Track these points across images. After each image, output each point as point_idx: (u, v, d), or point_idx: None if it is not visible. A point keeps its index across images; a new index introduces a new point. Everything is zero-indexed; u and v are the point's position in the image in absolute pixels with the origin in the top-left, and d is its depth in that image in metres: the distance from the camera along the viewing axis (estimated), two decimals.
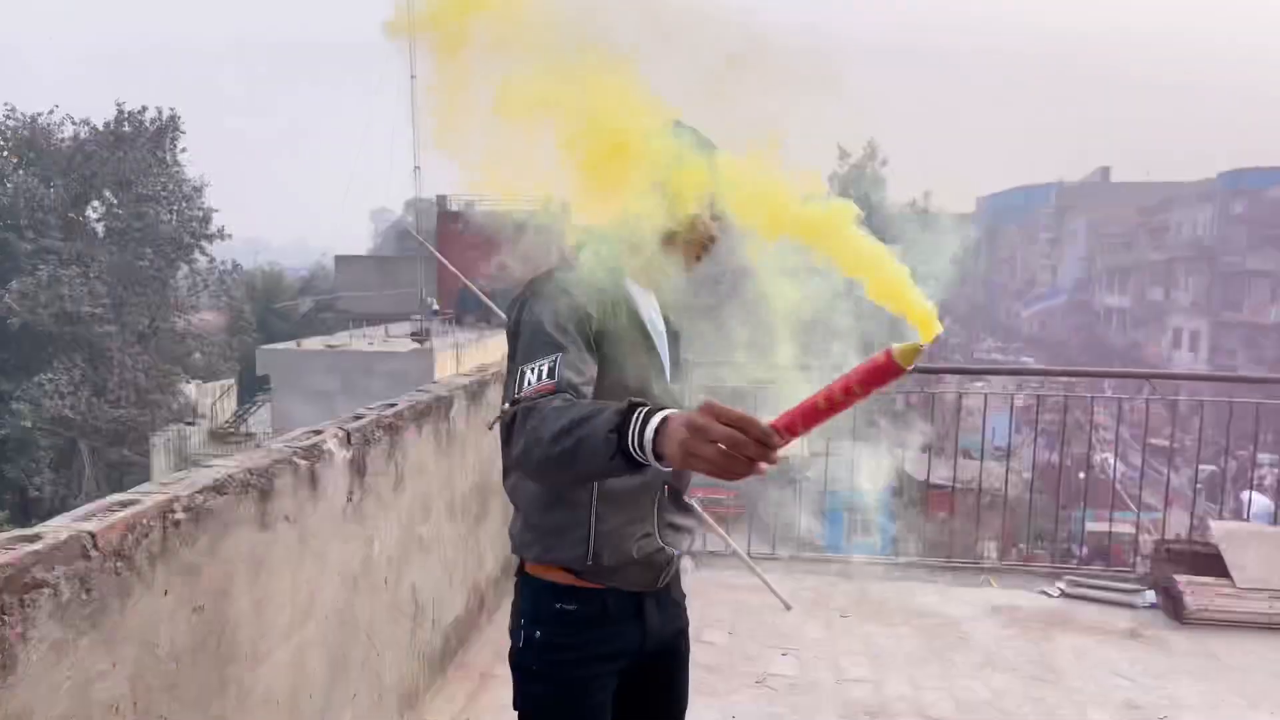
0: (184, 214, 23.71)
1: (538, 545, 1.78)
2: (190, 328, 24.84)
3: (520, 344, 1.66)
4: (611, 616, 1.78)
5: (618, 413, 1.37)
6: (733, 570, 5.35)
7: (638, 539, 1.79)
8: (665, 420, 1.32)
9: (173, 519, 2.03)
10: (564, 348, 1.60)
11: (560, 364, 1.57)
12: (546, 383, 1.55)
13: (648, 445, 1.33)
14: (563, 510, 1.76)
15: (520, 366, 1.60)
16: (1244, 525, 5.18)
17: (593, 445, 1.38)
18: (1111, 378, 8.12)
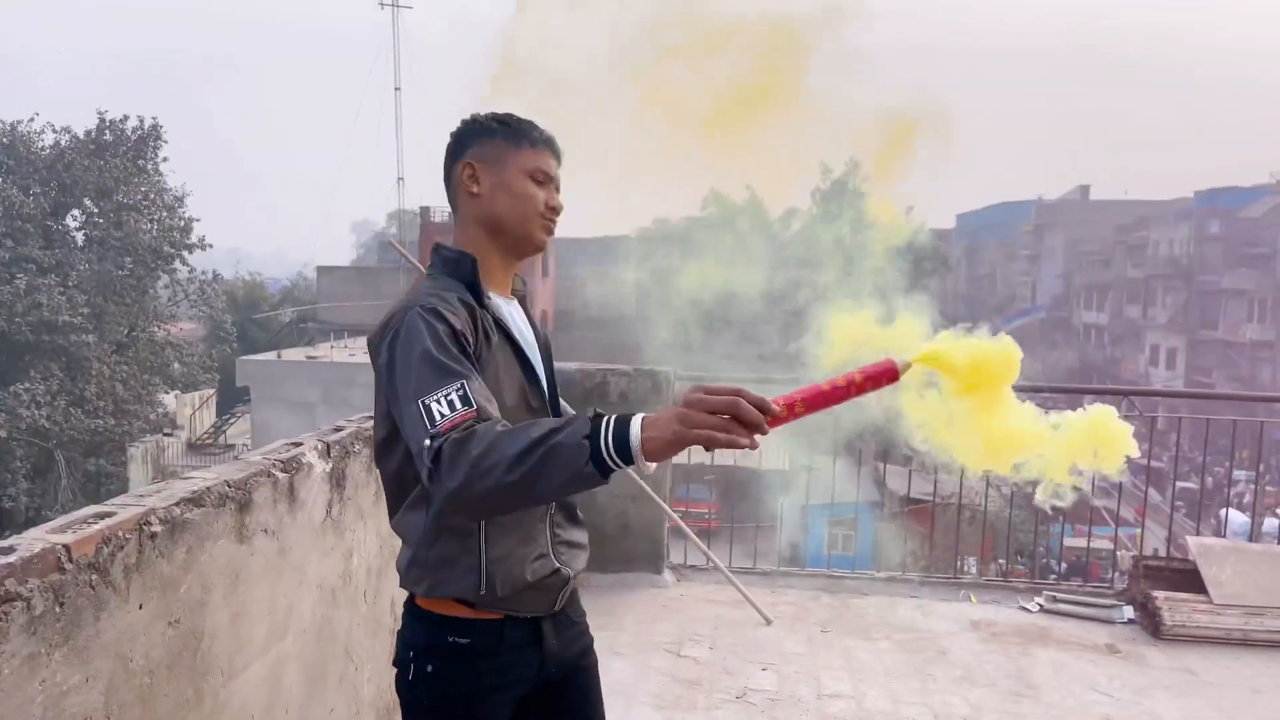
0: (165, 223, 23.52)
1: (427, 580, 1.73)
2: (170, 338, 24.62)
3: (405, 377, 1.58)
4: (507, 646, 1.74)
5: (585, 422, 1.39)
6: (714, 584, 5.35)
7: (531, 562, 1.74)
8: (644, 418, 1.39)
9: (149, 531, 2.01)
10: (465, 374, 1.55)
11: (470, 391, 1.52)
12: (465, 411, 1.49)
13: (634, 445, 1.37)
14: (451, 541, 1.70)
15: (418, 401, 1.52)
16: (1220, 541, 5.22)
17: (564, 458, 1.38)
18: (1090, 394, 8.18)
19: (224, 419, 27.56)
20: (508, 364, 1.73)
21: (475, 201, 1.82)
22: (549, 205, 1.84)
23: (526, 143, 1.82)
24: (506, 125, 1.84)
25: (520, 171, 1.81)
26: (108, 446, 21.99)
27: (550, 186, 1.85)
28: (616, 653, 4.38)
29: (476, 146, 1.84)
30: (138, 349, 23.08)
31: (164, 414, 24.97)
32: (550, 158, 1.85)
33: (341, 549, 2.95)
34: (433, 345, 1.57)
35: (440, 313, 1.62)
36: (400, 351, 1.60)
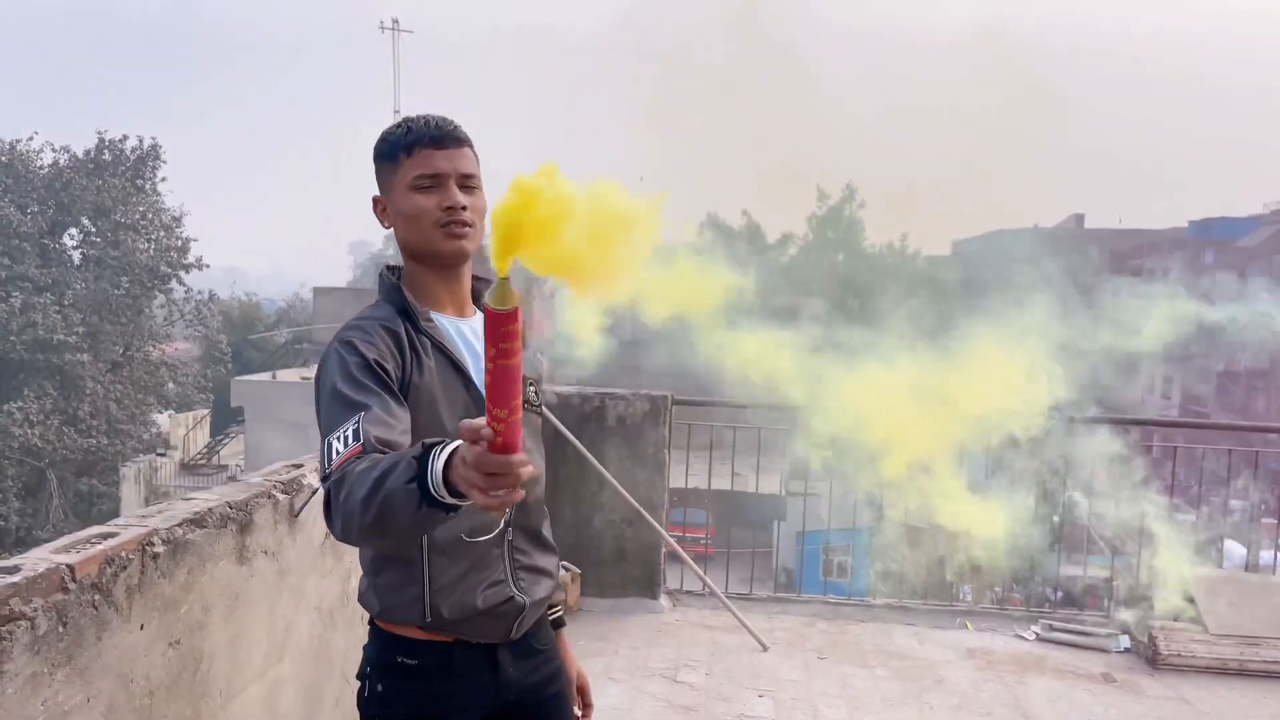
0: (162, 243, 23.56)
1: (378, 604, 1.71)
2: (165, 357, 24.59)
3: (320, 413, 1.56)
4: (458, 670, 1.70)
5: (414, 460, 1.26)
6: (710, 609, 5.34)
7: (484, 589, 1.69)
8: (448, 454, 1.23)
9: (152, 552, 2.02)
10: (365, 405, 1.50)
11: (363, 423, 1.46)
12: (353, 446, 1.44)
13: (437, 482, 1.23)
14: (395, 569, 1.68)
15: (325, 439, 1.49)
16: (1216, 571, 5.23)
17: (398, 503, 1.27)
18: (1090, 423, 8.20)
19: (218, 439, 27.46)
20: (448, 385, 1.67)
21: (394, 231, 1.76)
22: (445, 207, 1.68)
23: (401, 153, 1.70)
24: (384, 148, 1.74)
25: (404, 188, 1.70)
26: (100, 466, 21.90)
27: (443, 186, 1.69)
28: (612, 678, 4.36)
29: (378, 178, 1.76)
30: (132, 368, 23.04)
31: (157, 434, 24.90)
32: (434, 153, 1.68)
33: (340, 571, 2.94)
34: (340, 380, 1.55)
35: (353, 344, 1.58)
36: (318, 388, 1.60)
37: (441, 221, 1.68)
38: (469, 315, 1.79)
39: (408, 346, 1.65)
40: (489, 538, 1.71)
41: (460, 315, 1.78)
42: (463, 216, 1.69)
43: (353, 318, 1.71)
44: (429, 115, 1.73)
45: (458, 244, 1.70)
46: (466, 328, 1.77)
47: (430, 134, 1.69)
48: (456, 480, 1.20)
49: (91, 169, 22.61)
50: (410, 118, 1.73)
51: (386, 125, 1.81)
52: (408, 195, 1.69)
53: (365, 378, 1.55)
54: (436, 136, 1.69)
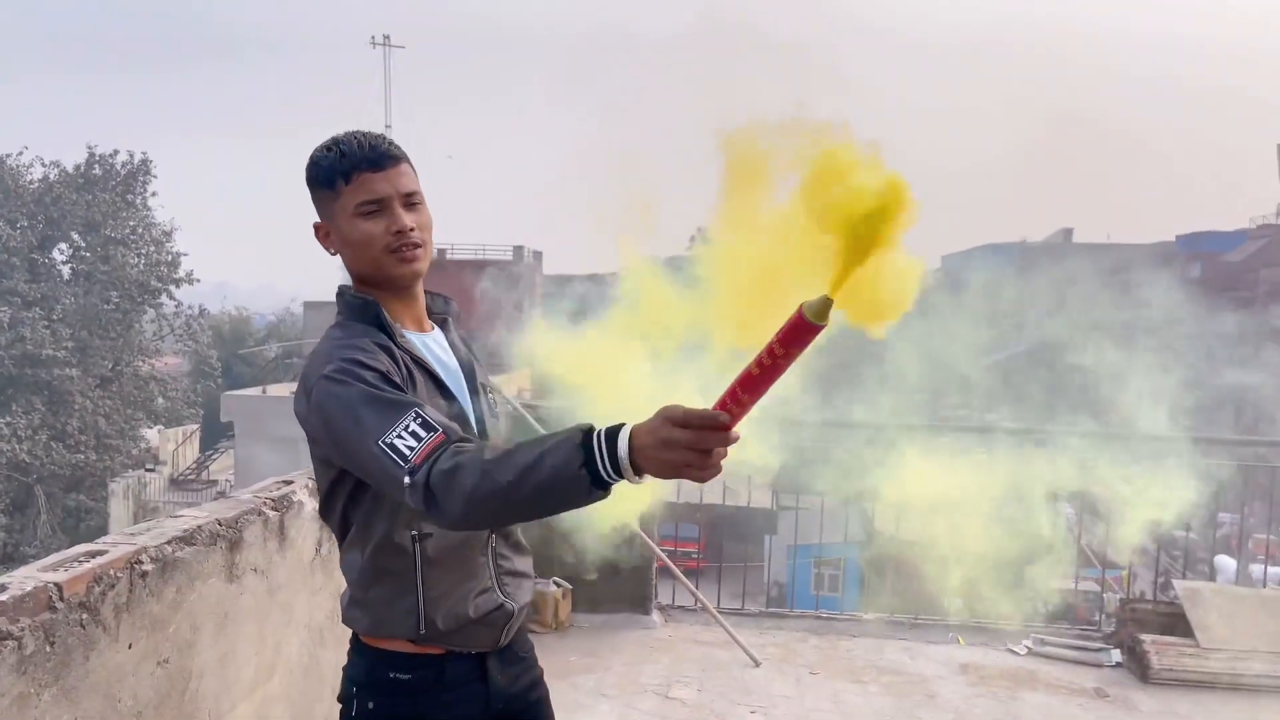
0: (152, 258, 23.52)
1: (367, 619, 1.70)
2: (154, 372, 24.51)
3: (353, 430, 1.52)
4: (450, 682, 1.70)
5: (579, 446, 1.34)
6: (702, 625, 5.32)
7: (474, 597, 1.70)
8: (631, 436, 1.33)
9: (140, 570, 2.00)
10: (412, 402, 1.52)
11: (427, 415, 1.49)
12: (431, 437, 1.46)
13: (623, 465, 1.33)
14: (388, 582, 1.67)
15: (378, 443, 1.47)
16: (1207, 584, 5.24)
17: (562, 487, 1.35)
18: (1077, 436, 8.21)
19: (207, 455, 27.35)
20: (432, 399, 1.68)
21: (342, 259, 1.73)
22: (394, 231, 1.66)
23: (341, 181, 1.66)
24: (319, 175, 1.69)
25: (348, 216, 1.66)
26: (89, 482, 21.79)
27: (388, 209, 1.66)
28: (603, 694, 4.34)
29: (316, 205, 1.73)
30: (121, 383, 22.94)
31: (146, 449, 24.77)
32: (373, 176, 1.65)
33: (330, 588, 2.93)
34: (368, 389, 1.53)
35: (360, 361, 1.57)
36: (336, 410, 1.55)
37: (392, 246, 1.66)
38: (428, 330, 1.80)
39: (400, 362, 1.65)
40: (475, 547, 1.71)
41: (421, 330, 1.78)
42: (413, 238, 1.67)
43: (335, 341, 1.65)
44: (359, 135, 1.68)
45: (411, 267, 1.69)
46: (432, 342, 1.78)
47: (367, 157, 1.65)
48: (656, 458, 1.30)
49: (81, 184, 22.58)
50: (340, 139, 1.68)
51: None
52: (353, 223, 1.66)
53: (389, 386, 1.55)
54: (373, 159, 1.65)
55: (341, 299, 1.75)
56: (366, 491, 1.65)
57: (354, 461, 1.56)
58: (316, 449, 1.67)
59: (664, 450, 1.30)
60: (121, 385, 22.95)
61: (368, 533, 1.67)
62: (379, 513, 1.65)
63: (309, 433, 1.65)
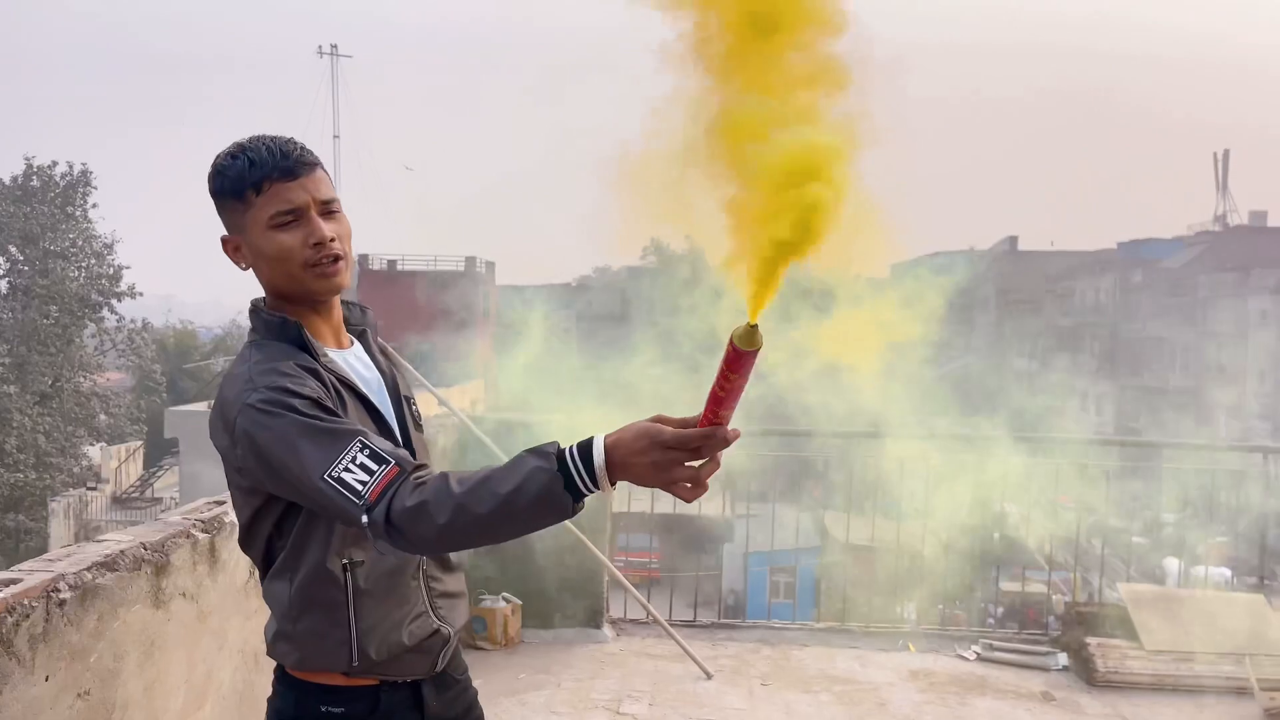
0: (93, 271, 23.05)
1: (296, 652, 1.63)
2: (96, 388, 23.98)
3: (292, 462, 1.45)
4: (384, 713, 1.64)
5: (555, 471, 1.36)
6: (654, 638, 5.28)
7: (408, 624, 1.64)
8: (607, 450, 1.37)
9: (57, 599, 1.92)
10: (353, 430, 1.47)
11: (376, 445, 1.45)
12: (384, 470, 1.42)
13: (600, 479, 1.37)
14: (318, 614, 1.60)
15: (324, 478, 1.42)
16: (1151, 587, 5.31)
17: (548, 508, 1.38)
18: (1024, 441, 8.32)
19: (151, 471, 26.76)
20: (360, 419, 1.61)
21: (255, 274, 1.64)
22: (313, 243, 1.57)
23: (251, 191, 1.56)
24: (225, 186, 1.59)
25: (261, 229, 1.57)
26: (28, 501, 21.24)
27: (305, 220, 1.57)
28: (553, 712, 4.29)
29: (222, 216, 1.63)
30: (62, 400, 22.42)
31: (88, 467, 24.21)
32: (287, 185, 1.56)
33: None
34: (301, 418, 1.46)
35: (288, 388, 1.49)
36: (269, 442, 1.47)
37: (311, 260, 1.57)
38: (347, 345, 1.72)
39: (328, 384, 1.58)
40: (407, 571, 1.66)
41: (340, 346, 1.70)
42: (333, 249, 1.59)
43: (255, 364, 1.55)
44: (267, 140, 1.59)
45: (332, 281, 1.61)
46: (352, 357, 1.71)
47: (279, 165, 1.56)
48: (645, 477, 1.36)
49: (19, 196, 22.07)
50: (247, 146, 1.58)
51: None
52: (268, 236, 1.57)
53: (323, 412, 1.49)
54: (286, 167, 1.56)
55: (257, 316, 1.65)
56: (294, 520, 1.58)
57: (296, 494, 1.50)
58: (239, 478, 1.58)
59: (657, 472, 1.36)
60: (62, 401, 22.42)
61: (296, 562, 1.59)
62: (309, 542, 1.58)
63: (230, 462, 1.57)
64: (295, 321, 1.61)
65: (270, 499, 1.57)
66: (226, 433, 1.54)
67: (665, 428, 1.37)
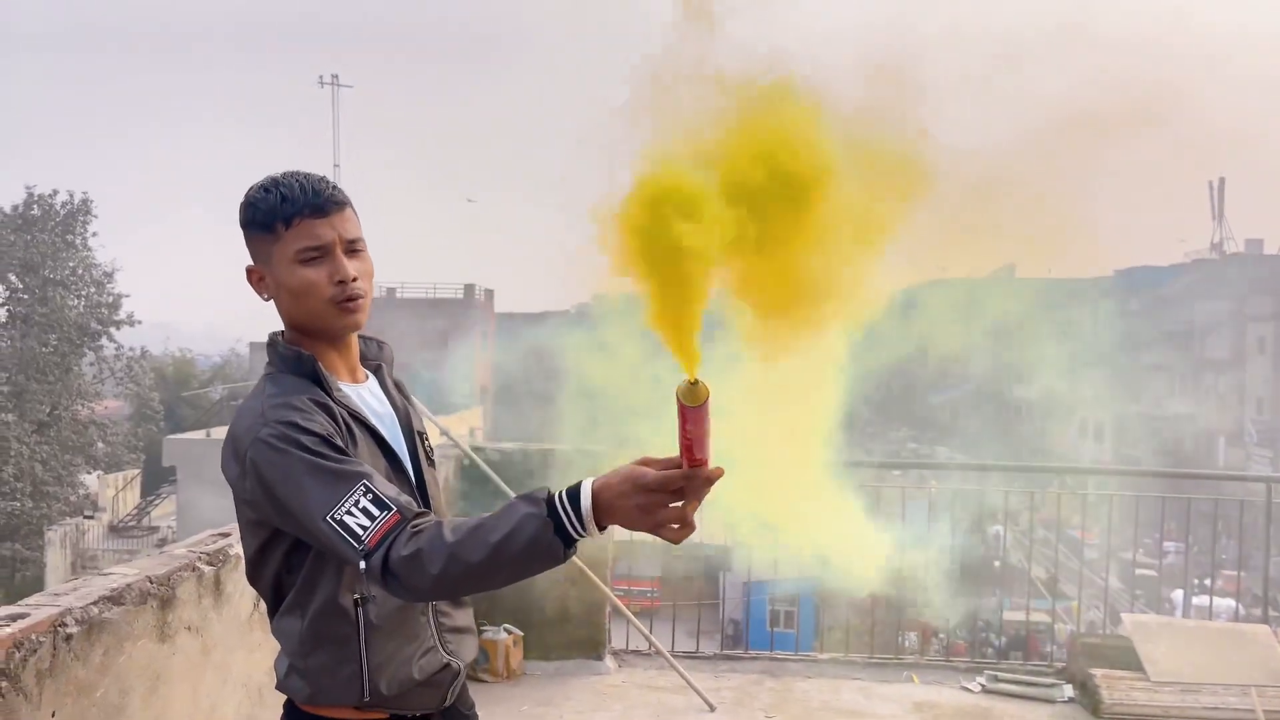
0: (92, 299, 23.08)
1: (307, 688, 1.63)
2: (94, 416, 23.94)
3: (296, 499, 1.48)
4: None
5: (545, 518, 1.40)
6: (656, 669, 5.25)
7: (419, 659, 1.65)
8: (594, 494, 1.41)
9: (64, 633, 1.91)
10: (359, 473, 1.49)
11: (376, 489, 1.47)
12: (385, 516, 1.45)
13: (589, 524, 1.41)
14: (329, 649, 1.60)
15: (326, 519, 1.45)
16: (1155, 618, 5.29)
17: (539, 555, 1.41)
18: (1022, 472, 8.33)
19: (148, 500, 26.63)
20: (372, 454, 1.63)
21: (276, 306, 1.66)
22: (337, 281, 1.59)
23: (281, 225, 1.58)
24: (255, 218, 1.61)
25: (287, 262, 1.59)
26: (24, 530, 21.15)
27: (330, 257, 1.59)
28: None
29: (249, 247, 1.65)
30: (59, 428, 22.37)
31: (85, 495, 24.12)
32: (316, 222, 1.58)
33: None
34: (308, 456, 1.49)
35: (298, 424, 1.51)
36: (276, 478, 1.50)
37: (336, 297, 1.60)
38: (361, 380, 1.74)
39: (339, 419, 1.59)
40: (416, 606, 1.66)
41: (354, 380, 1.72)
42: (355, 289, 1.61)
43: (268, 398, 1.58)
44: (301, 177, 1.61)
45: (353, 318, 1.63)
46: (366, 392, 1.72)
47: (310, 202, 1.58)
48: (632, 520, 1.40)
49: (19, 224, 22.13)
50: (280, 181, 1.60)
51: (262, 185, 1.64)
52: (293, 270, 1.59)
53: (331, 450, 1.51)
54: (316, 203, 1.58)
55: (274, 349, 1.67)
56: (305, 556, 1.59)
57: (301, 530, 1.53)
58: (248, 511, 1.59)
59: (643, 515, 1.40)
60: (59, 430, 22.38)
61: (307, 598, 1.60)
62: (320, 578, 1.59)
63: (239, 494, 1.58)
64: (310, 355, 1.63)
65: (277, 532, 1.58)
66: (238, 464, 1.56)
67: (648, 471, 1.41)
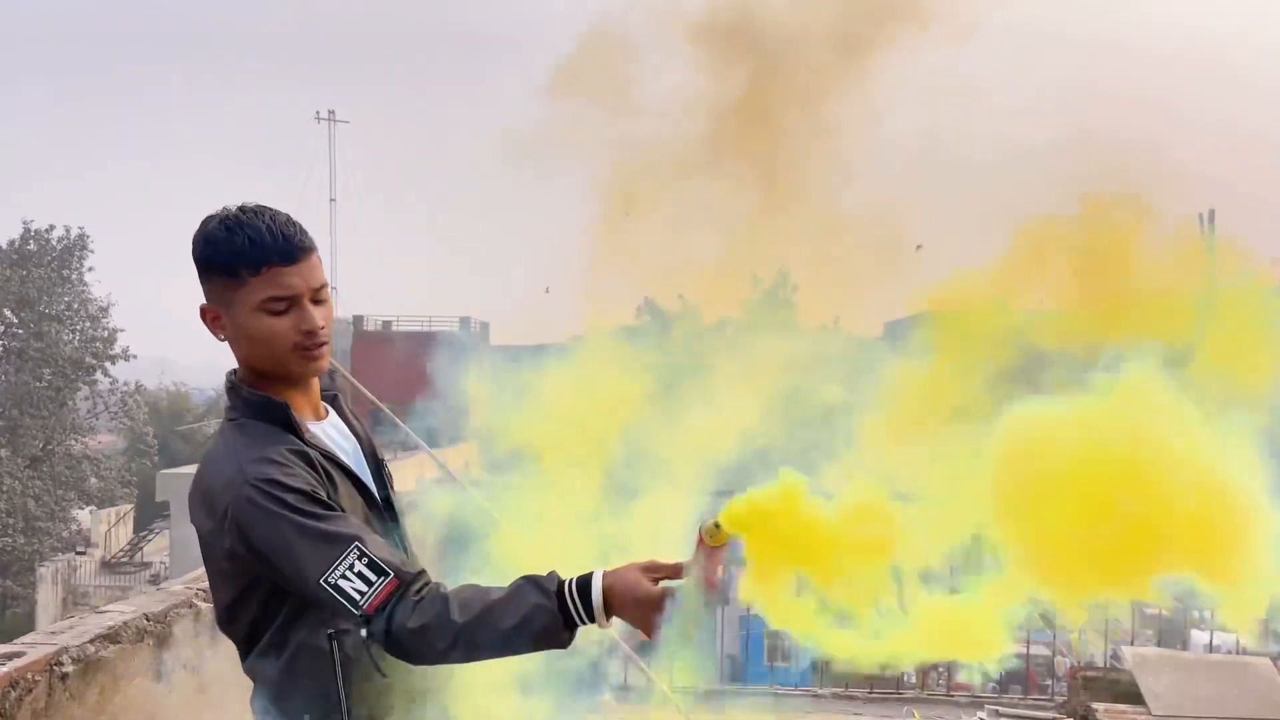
0: (87, 334, 23.04)
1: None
2: (87, 451, 23.80)
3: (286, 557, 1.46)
4: None
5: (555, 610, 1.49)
6: (656, 705, 5.20)
7: (396, 687, 1.63)
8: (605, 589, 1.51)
9: (60, 672, 1.90)
10: (350, 535, 1.47)
11: (370, 552, 1.46)
12: (383, 582, 1.45)
13: (599, 615, 1.50)
14: (307, 687, 1.57)
15: (320, 582, 1.44)
16: (1156, 651, 5.26)
17: (547, 643, 1.50)
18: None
19: (141, 535, 26.42)
20: (349, 495, 1.61)
21: (231, 346, 1.62)
22: (302, 330, 1.55)
23: (246, 271, 1.51)
24: (217, 259, 1.54)
25: (250, 310, 1.53)
26: (16, 567, 20.96)
27: (297, 306, 1.54)
28: None
29: (205, 285, 1.59)
30: (53, 463, 22.25)
31: (78, 531, 23.93)
32: (284, 270, 1.52)
33: None
34: (296, 518, 1.46)
35: (280, 481, 1.48)
36: (263, 538, 1.47)
37: (300, 344, 1.56)
38: (323, 416, 1.71)
39: (318, 466, 1.58)
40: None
41: (318, 417, 1.69)
42: (321, 337, 1.58)
43: (241, 450, 1.53)
44: (268, 219, 1.54)
45: (317, 364, 1.61)
46: (331, 429, 1.70)
47: (279, 249, 1.52)
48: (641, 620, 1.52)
49: (15, 259, 22.13)
50: (244, 222, 1.53)
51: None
52: (257, 318, 1.53)
53: (319, 508, 1.50)
54: (285, 251, 1.52)
55: (236, 394, 1.62)
56: (282, 603, 1.56)
57: (290, 587, 1.53)
58: (223, 564, 1.55)
59: (646, 626, 1.52)
60: (53, 465, 22.25)
61: (284, 638, 1.59)
62: (298, 621, 1.57)
63: (215, 546, 1.54)
64: (282, 402, 1.59)
65: (254, 582, 1.56)
66: (211, 519, 1.53)
67: (650, 589, 1.51)
